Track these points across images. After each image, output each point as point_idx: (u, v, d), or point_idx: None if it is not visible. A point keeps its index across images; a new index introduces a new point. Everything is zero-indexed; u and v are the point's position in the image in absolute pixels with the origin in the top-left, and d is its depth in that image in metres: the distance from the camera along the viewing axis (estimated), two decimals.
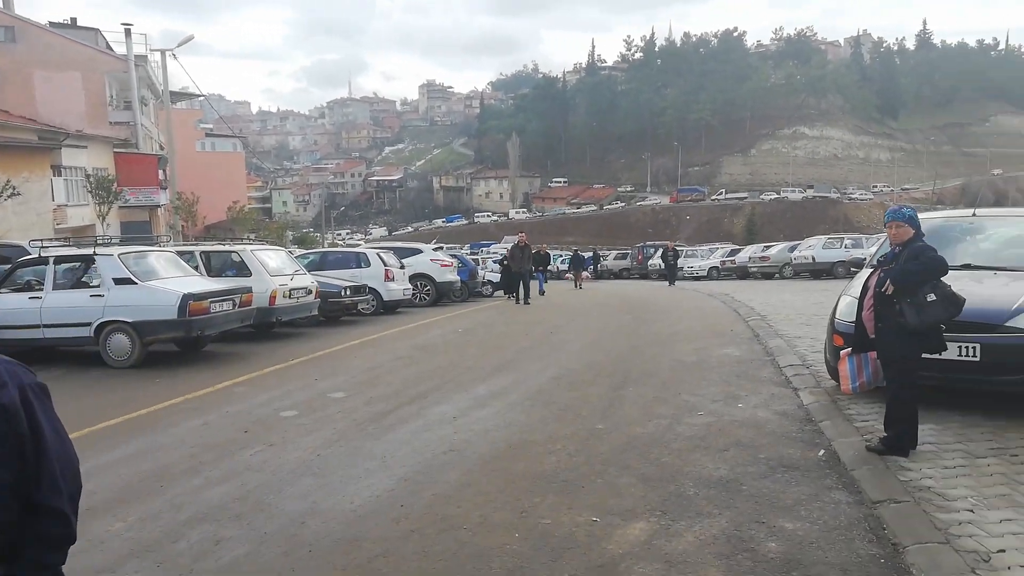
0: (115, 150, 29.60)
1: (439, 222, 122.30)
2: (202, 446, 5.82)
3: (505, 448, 5.53)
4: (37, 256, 10.28)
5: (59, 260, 10.08)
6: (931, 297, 4.52)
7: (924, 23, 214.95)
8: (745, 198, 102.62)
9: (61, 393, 8.06)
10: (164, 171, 31.33)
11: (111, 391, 8.23)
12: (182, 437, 6.12)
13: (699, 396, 7.04)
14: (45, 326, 9.62)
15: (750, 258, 32.59)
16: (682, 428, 5.93)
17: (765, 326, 11.64)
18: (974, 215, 7.20)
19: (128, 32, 30.99)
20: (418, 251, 19.64)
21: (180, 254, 11.85)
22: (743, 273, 32.26)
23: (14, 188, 17.80)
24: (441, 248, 23.52)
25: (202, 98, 51.63)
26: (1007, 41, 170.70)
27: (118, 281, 9.60)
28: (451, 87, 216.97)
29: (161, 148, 36.51)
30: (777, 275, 29.96)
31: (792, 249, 30.12)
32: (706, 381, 7.76)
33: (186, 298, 9.34)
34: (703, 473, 4.82)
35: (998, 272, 6.19)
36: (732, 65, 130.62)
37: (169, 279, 10.09)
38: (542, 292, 22.57)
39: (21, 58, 30.18)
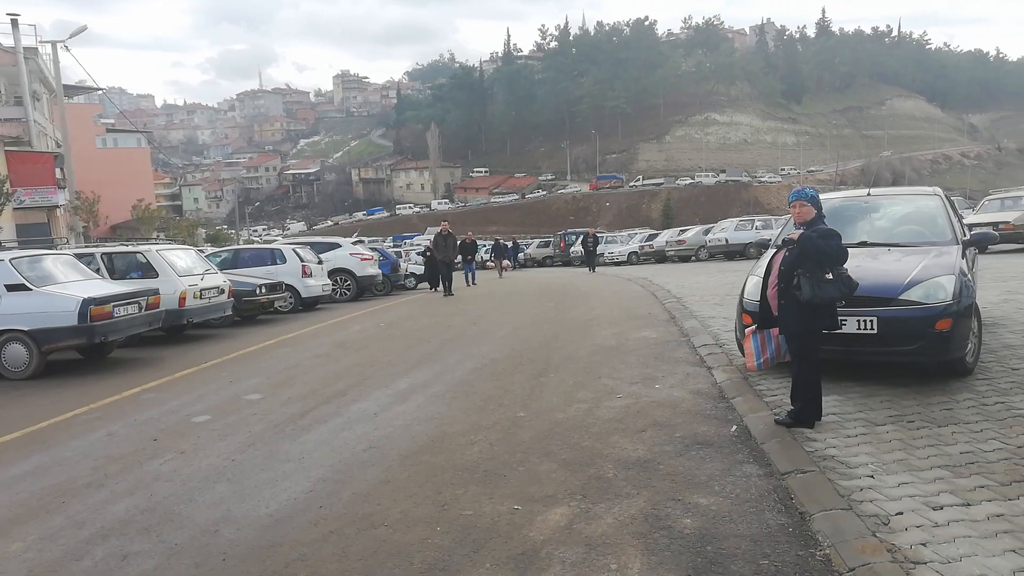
0: (6, 148, 27.77)
1: (360, 215, 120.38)
2: (107, 458, 5.54)
3: (427, 442, 5.49)
4: None
5: None
6: (828, 275, 4.72)
7: (823, 11, 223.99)
8: (661, 184, 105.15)
9: None
10: (61, 169, 29.63)
11: (7, 404, 7.74)
12: (85, 450, 5.81)
13: (618, 379, 7.17)
14: None
15: (667, 242, 33.40)
16: (602, 411, 6.02)
17: (681, 308, 11.95)
18: (869, 195, 7.57)
19: (15, 23, 29.06)
20: (336, 245, 19.27)
21: (79, 257, 11.25)
22: (661, 257, 33.06)
23: None
24: (362, 241, 23.13)
25: (101, 92, 49.10)
26: (899, 28, 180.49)
27: (11, 287, 9.03)
28: (366, 77, 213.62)
29: (58, 145, 34.51)
30: (693, 258, 30.82)
31: (707, 232, 31.04)
32: (625, 364, 7.91)
33: (87, 303, 8.86)
34: (622, 455, 4.91)
35: (891, 248, 6.53)
36: (644, 53, 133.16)
37: (68, 283, 9.56)
38: (473, 283, 22.43)
39: None
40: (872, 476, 4.07)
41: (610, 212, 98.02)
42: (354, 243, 20.60)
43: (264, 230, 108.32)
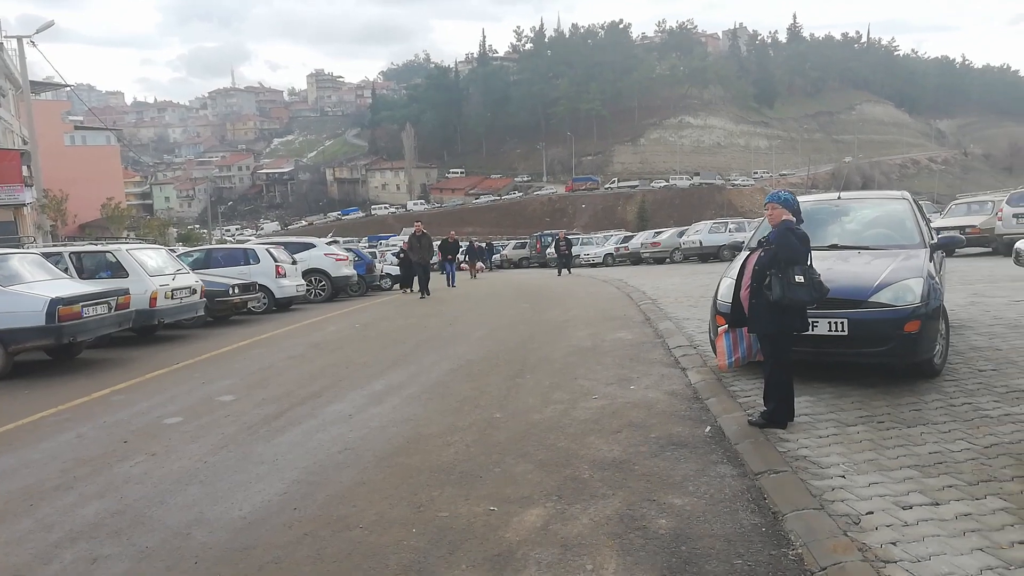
0: None
1: (335, 215, 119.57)
2: (76, 460, 5.44)
3: (402, 443, 5.46)
4: None
5: None
6: (799, 278, 4.78)
7: (794, 16, 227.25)
8: (636, 186, 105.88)
9: None
10: (28, 167, 29.04)
11: None
12: (54, 452, 5.70)
13: (594, 380, 7.20)
14: None
15: (642, 244, 33.63)
16: (578, 412, 6.04)
17: (656, 309, 12.04)
18: (839, 198, 7.69)
19: None
20: (311, 245, 19.12)
21: (47, 256, 11.04)
22: (636, 259, 33.27)
23: None
24: (336, 242, 22.98)
25: (69, 88, 48.26)
26: (868, 34, 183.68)
27: None
28: (341, 77, 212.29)
29: (24, 143, 33.80)
30: (668, 260, 31.06)
31: (681, 234, 31.29)
32: (601, 365, 7.94)
33: (54, 303, 8.69)
34: (597, 455, 4.93)
35: (862, 251, 6.64)
36: (619, 56, 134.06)
37: (35, 283, 9.36)
38: (452, 284, 22.23)
39: None
40: (843, 476, 4.13)
41: (586, 214, 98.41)
42: (328, 243, 20.46)
43: (237, 230, 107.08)
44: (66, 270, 11.19)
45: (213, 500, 4.48)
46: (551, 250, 37.44)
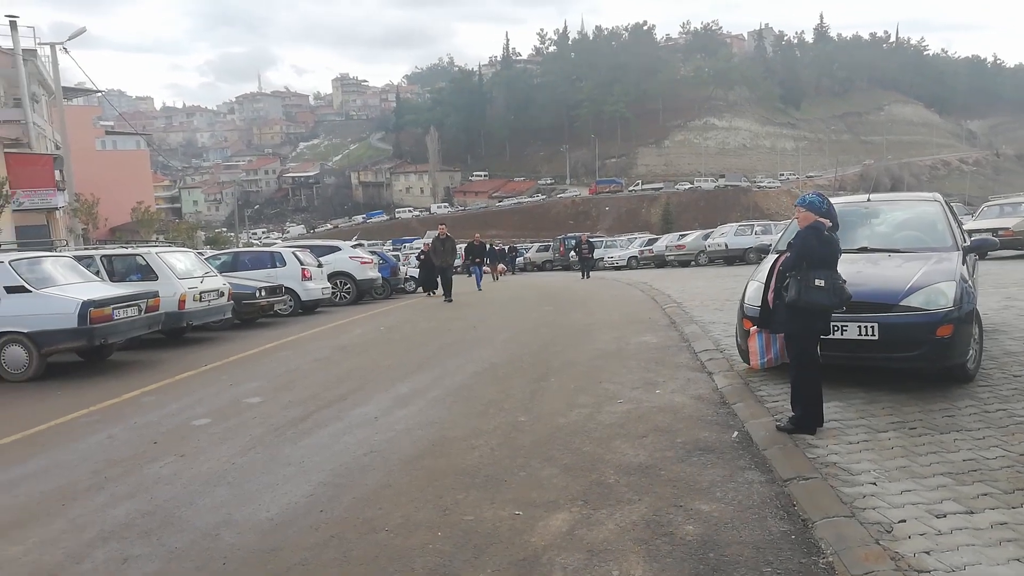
0: (6, 150, 27.75)
1: (359, 218, 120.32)
2: (107, 461, 5.53)
3: (427, 446, 5.48)
4: None
5: None
6: (819, 282, 4.73)
7: (821, 16, 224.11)
8: (661, 188, 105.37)
9: None
10: (60, 171, 29.61)
11: (7, 406, 7.74)
12: (85, 453, 5.80)
13: (619, 384, 7.16)
14: None
15: (667, 247, 33.40)
16: (603, 416, 6.01)
17: (681, 313, 11.95)
18: (869, 200, 7.58)
19: (14, 25, 29.06)
20: (336, 248, 19.25)
21: (79, 259, 11.23)
22: (661, 261, 33.06)
23: None
24: (361, 245, 23.14)
25: (100, 94, 49.09)
26: (897, 34, 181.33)
27: (10, 289, 9.01)
28: (365, 81, 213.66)
29: (56, 147, 34.47)
30: (693, 263, 30.82)
31: (706, 237, 31.03)
32: (626, 369, 7.90)
33: (86, 305, 8.85)
34: (623, 460, 4.90)
35: (892, 254, 6.53)
36: (643, 58, 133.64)
37: (67, 286, 9.54)
38: (479, 288, 22.15)
39: None
40: (875, 483, 4.07)
41: (609, 216, 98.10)
42: (354, 246, 20.60)
43: (263, 233, 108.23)
44: (97, 273, 11.38)
45: (241, 501, 4.52)
46: (573, 253, 37.46)
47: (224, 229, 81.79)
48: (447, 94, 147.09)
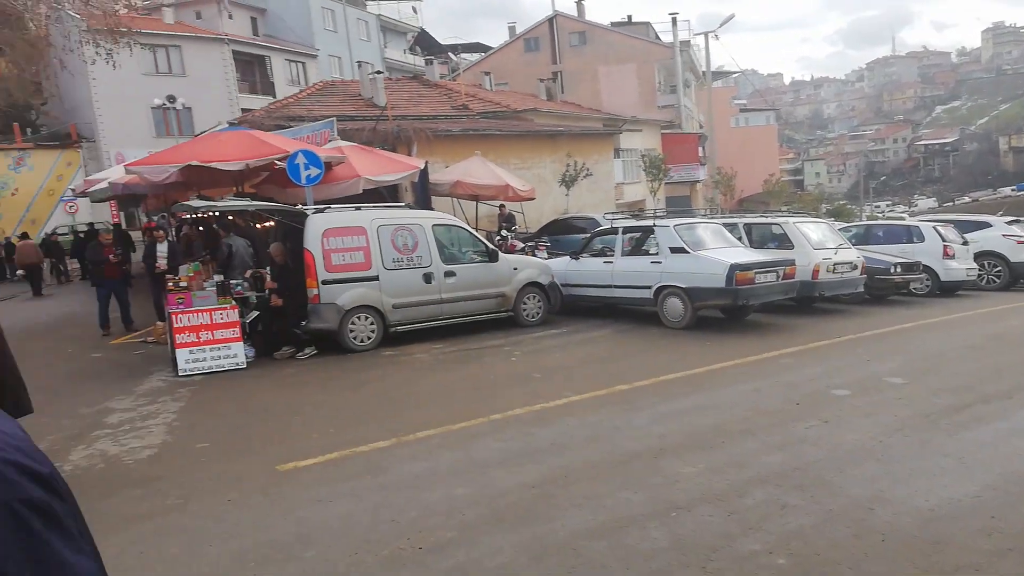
0: (662, 131, 32.48)
1: (1006, 190, 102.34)
2: (754, 411, 5.98)
3: None
4: (609, 227, 11.92)
5: (626, 230, 11.50)
6: None
7: None
8: None
9: (631, 345, 9.28)
10: (703, 148, 33.19)
11: (668, 348, 9.09)
12: (734, 399, 6.39)
13: None
14: (615, 286, 11.13)
15: None
16: None
17: None
18: None
19: (674, 21, 33.48)
20: (987, 225, 16.72)
21: (724, 226, 12.35)
22: None
23: (588, 170, 20.99)
24: (1019, 221, 19.62)
25: (736, 75, 52.97)
26: None
27: (673, 250, 10.48)
28: None
29: (700, 126, 38.71)
30: None
31: None
32: None
33: (733, 268, 9.69)
34: None
35: None
36: None
37: (716, 249, 10.60)
38: None
39: (589, 58, 35.41)
40: None
41: None
42: (1009, 223, 17.57)
43: (888, 206, 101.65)
44: (739, 239, 12.33)
45: (893, 481, 4.34)
46: None
47: (845, 201, 79.80)
48: None
